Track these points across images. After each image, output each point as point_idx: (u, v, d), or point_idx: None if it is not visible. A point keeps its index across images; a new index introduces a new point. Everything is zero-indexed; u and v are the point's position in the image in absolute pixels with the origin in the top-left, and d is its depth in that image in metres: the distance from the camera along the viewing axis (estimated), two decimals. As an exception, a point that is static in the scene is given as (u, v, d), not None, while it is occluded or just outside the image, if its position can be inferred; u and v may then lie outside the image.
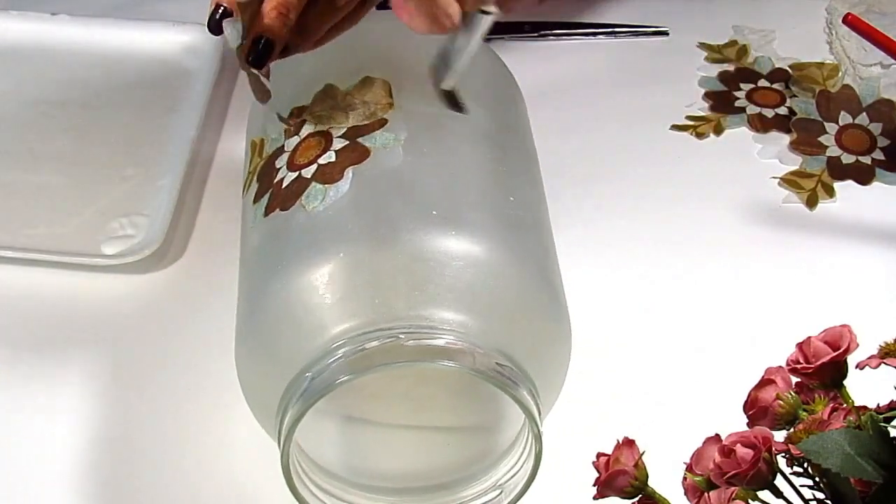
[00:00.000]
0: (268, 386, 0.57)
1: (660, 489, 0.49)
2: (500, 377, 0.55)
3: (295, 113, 0.64)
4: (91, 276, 0.75)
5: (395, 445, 0.64)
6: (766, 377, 0.50)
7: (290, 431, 0.55)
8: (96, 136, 0.83)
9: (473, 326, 0.56)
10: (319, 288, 0.57)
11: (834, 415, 0.48)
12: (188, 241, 0.78)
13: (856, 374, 0.50)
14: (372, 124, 0.62)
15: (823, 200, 0.80)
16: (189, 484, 0.65)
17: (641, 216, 0.79)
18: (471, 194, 0.60)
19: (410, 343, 0.55)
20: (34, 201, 0.79)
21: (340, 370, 0.55)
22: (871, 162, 0.82)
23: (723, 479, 0.47)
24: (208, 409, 0.68)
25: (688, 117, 0.85)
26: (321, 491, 0.60)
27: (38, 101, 0.86)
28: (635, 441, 0.49)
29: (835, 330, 0.50)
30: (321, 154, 0.61)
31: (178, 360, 0.71)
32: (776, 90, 0.87)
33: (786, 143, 0.84)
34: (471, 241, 0.57)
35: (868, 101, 0.86)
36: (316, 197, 0.59)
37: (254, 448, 0.65)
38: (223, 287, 0.69)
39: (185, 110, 0.83)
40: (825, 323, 0.51)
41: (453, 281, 0.56)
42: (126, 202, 0.79)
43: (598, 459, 0.50)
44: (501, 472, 0.61)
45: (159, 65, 0.87)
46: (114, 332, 0.72)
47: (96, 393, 0.69)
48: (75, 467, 0.66)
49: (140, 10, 0.91)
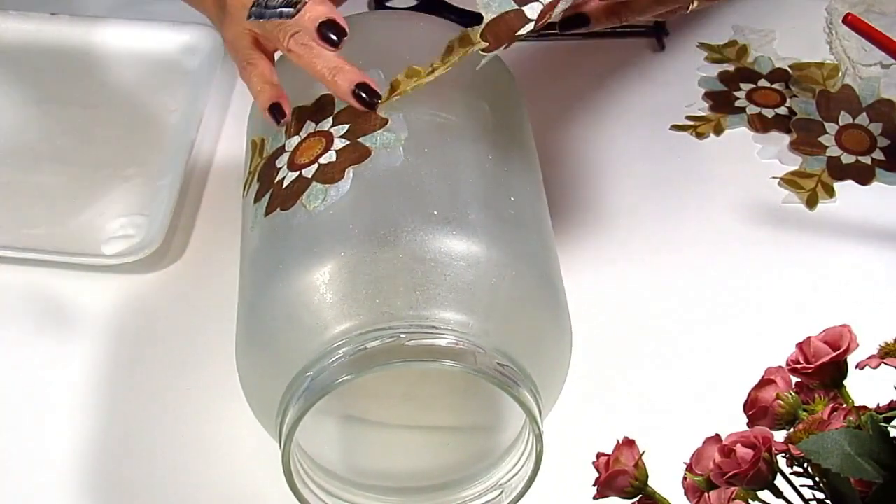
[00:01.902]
0: (268, 385, 0.58)
1: (660, 489, 0.49)
2: (500, 377, 0.55)
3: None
4: (91, 276, 0.75)
5: (395, 445, 0.64)
6: (766, 377, 0.50)
7: (291, 431, 0.55)
8: (96, 136, 0.83)
9: (474, 326, 0.56)
10: (320, 287, 0.57)
11: (834, 415, 0.48)
12: (188, 241, 0.78)
13: (856, 374, 0.50)
14: (372, 124, 0.62)
15: (823, 200, 0.80)
16: (190, 484, 0.65)
17: (641, 216, 0.79)
18: (471, 194, 0.61)
19: (411, 343, 0.55)
20: (34, 201, 0.79)
21: (341, 370, 0.55)
22: (871, 162, 0.82)
23: (723, 479, 0.47)
24: (209, 409, 0.68)
25: (688, 117, 0.85)
26: (322, 490, 0.60)
27: (38, 101, 0.86)
28: (635, 441, 0.49)
29: (835, 330, 0.50)
30: (322, 154, 0.61)
31: (178, 360, 0.71)
32: (776, 90, 0.87)
33: (786, 143, 0.84)
34: (471, 241, 0.58)
35: (868, 101, 0.85)
36: (317, 197, 0.59)
37: (254, 447, 0.65)
38: (223, 287, 0.69)
39: (185, 110, 0.83)
40: (825, 323, 0.51)
41: (454, 281, 0.56)
42: (126, 202, 0.79)
43: (598, 459, 0.50)
44: (502, 472, 0.61)
45: (159, 65, 0.87)
46: (114, 332, 0.72)
47: (96, 393, 0.69)
48: (75, 467, 0.66)
49: (140, 10, 0.90)
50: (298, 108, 0.64)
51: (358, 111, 0.62)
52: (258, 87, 0.64)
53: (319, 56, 0.61)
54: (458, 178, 0.61)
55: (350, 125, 0.62)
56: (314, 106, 0.64)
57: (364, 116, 0.62)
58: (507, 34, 0.60)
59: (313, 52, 0.61)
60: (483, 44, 0.60)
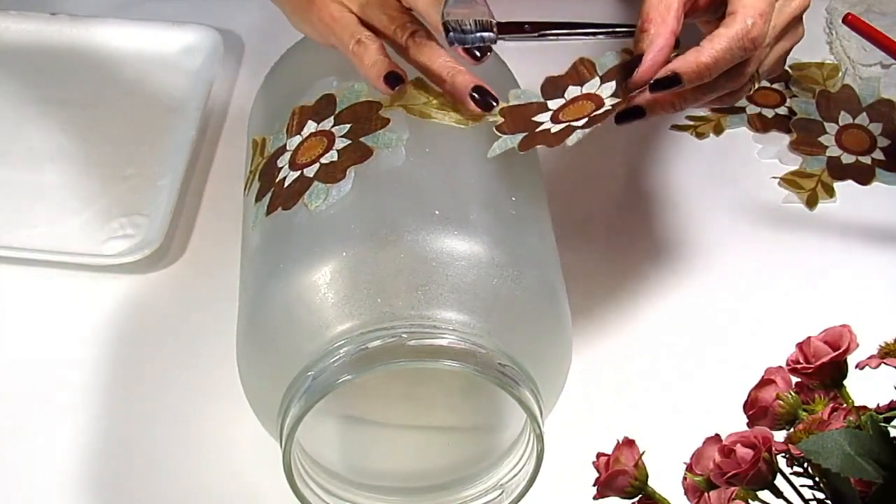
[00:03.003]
0: (269, 385, 0.58)
1: (660, 489, 0.50)
2: (501, 377, 0.55)
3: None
4: (91, 276, 0.75)
5: (396, 445, 0.64)
6: (766, 377, 0.50)
7: (292, 431, 0.55)
8: (96, 136, 0.83)
9: (475, 326, 0.56)
10: (321, 287, 0.57)
11: (834, 415, 0.48)
12: (188, 241, 0.78)
13: (856, 374, 0.50)
14: (374, 124, 0.62)
15: (823, 200, 0.80)
16: (190, 484, 0.66)
17: (641, 216, 0.79)
18: (473, 194, 0.61)
19: (412, 343, 0.55)
20: (34, 201, 0.79)
21: (342, 369, 0.55)
22: (871, 162, 0.82)
23: (723, 479, 0.47)
24: (209, 409, 0.68)
25: (688, 117, 0.85)
26: (323, 490, 0.60)
27: (38, 100, 0.86)
28: (635, 441, 0.49)
29: (835, 330, 0.50)
30: (323, 153, 0.61)
31: (178, 360, 0.71)
32: (776, 90, 0.87)
33: (786, 143, 0.84)
34: (473, 241, 0.58)
35: (868, 101, 0.86)
36: (318, 196, 0.59)
37: (255, 447, 0.65)
38: (223, 287, 0.69)
39: (185, 110, 0.83)
40: (825, 323, 0.51)
41: (455, 281, 0.57)
42: (126, 202, 0.79)
43: (598, 459, 0.50)
44: (503, 472, 0.61)
45: (159, 65, 0.87)
46: (114, 331, 0.72)
47: (97, 393, 0.69)
48: (76, 467, 0.66)
49: (140, 10, 0.90)
50: (300, 108, 0.65)
51: (360, 111, 0.62)
52: (372, 59, 0.63)
53: (438, 56, 0.62)
54: (460, 177, 0.61)
55: (352, 125, 0.62)
56: (316, 105, 0.64)
57: (366, 116, 0.62)
58: (523, 119, 0.62)
59: (433, 52, 0.62)
60: (499, 118, 0.62)
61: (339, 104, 0.63)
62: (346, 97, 0.63)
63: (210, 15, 0.90)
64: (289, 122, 0.64)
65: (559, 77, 0.65)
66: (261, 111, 0.69)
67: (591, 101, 0.62)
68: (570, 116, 0.61)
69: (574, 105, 0.62)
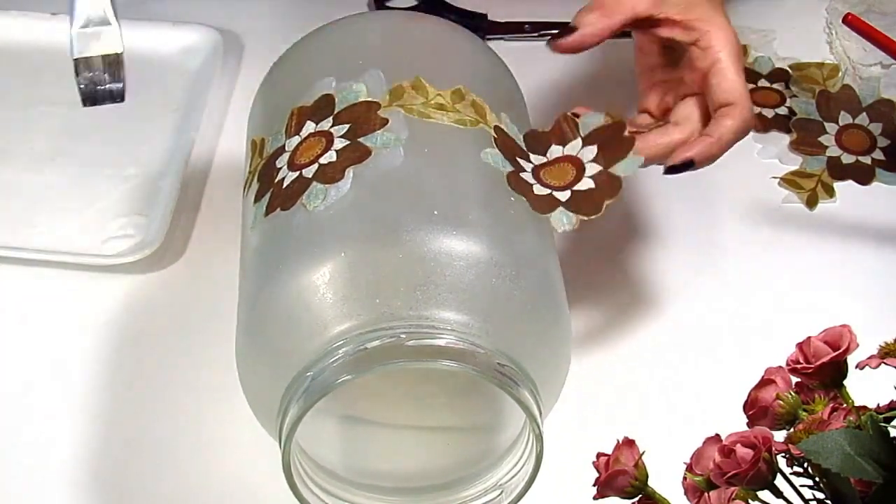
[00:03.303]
0: (269, 385, 0.57)
1: (660, 489, 0.50)
2: (500, 377, 0.55)
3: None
4: (91, 276, 0.75)
5: (395, 445, 0.64)
6: (766, 377, 0.50)
7: (291, 431, 0.55)
8: (96, 136, 0.83)
9: (474, 326, 0.56)
10: (320, 287, 0.57)
11: (834, 415, 0.48)
12: (188, 241, 0.78)
13: (856, 374, 0.50)
14: (373, 124, 0.62)
15: (823, 200, 0.80)
16: (190, 483, 0.66)
17: (641, 216, 0.79)
18: (471, 194, 0.60)
19: (411, 343, 0.55)
20: (34, 201, 0.79)
21: (341, 370, 0.55)
22: (871, 162, 0.82)
23: (723, 479, 0.47)
24: (209, 409, 0.68)
25: (688, 117, 0.85)
26: (322, 491, 0.60)
27: (38, 101, 0.86)
28: (635, 441, 0.49)
29: (835, 330, 0.50)
30: (322, 154, 0.61)
31: (178, 360, 0.71)
32: (776, 90, 0.87)
33: (786, 143, 0.84)
34: (472, 241, 0.58)
35: (868, 101, 0.86)
36: (317, 196, 0.59)
37: (254, 448, 0.65)
38: (223, 287, 0.69)
39: (185, 110, 0.83)
40: (825, 323, 0.51)
41: (454, 281, 0.56)
42: (126, 202, 0.79)
43: (598, 459, 0.50)
44: (502, 472, 0.61)
45: (159, 65, 0.87)
46: (114, 331, 0.72)
47: (96, 393, 0.69)
48: (76, 467, 0.66)
49: (140, 10, 0.90)
50: (298, 108, 0.64)
51: (358, 111, 0.62)
52: (590, 20, 0.67)
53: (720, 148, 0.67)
54: (458, 177, 0.61)
55: (350, 125, 0.62)
56: (314, 106, 0.64)
57: (364, 116, 0.62)
58: (511, 150, 0.63)
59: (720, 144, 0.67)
60: None
61: (337, 104, 0.63)
62: (344, 97, 0.63)
63: (210, 15, 0.90)
64: (287, 122, 0.64)
65: (542, 133, 0.65)
66: (260, 111, 0.69)
67: (572, 165, 0.63)
68: (552, 179, 0.62)
69: (555, 167, 0.63)
